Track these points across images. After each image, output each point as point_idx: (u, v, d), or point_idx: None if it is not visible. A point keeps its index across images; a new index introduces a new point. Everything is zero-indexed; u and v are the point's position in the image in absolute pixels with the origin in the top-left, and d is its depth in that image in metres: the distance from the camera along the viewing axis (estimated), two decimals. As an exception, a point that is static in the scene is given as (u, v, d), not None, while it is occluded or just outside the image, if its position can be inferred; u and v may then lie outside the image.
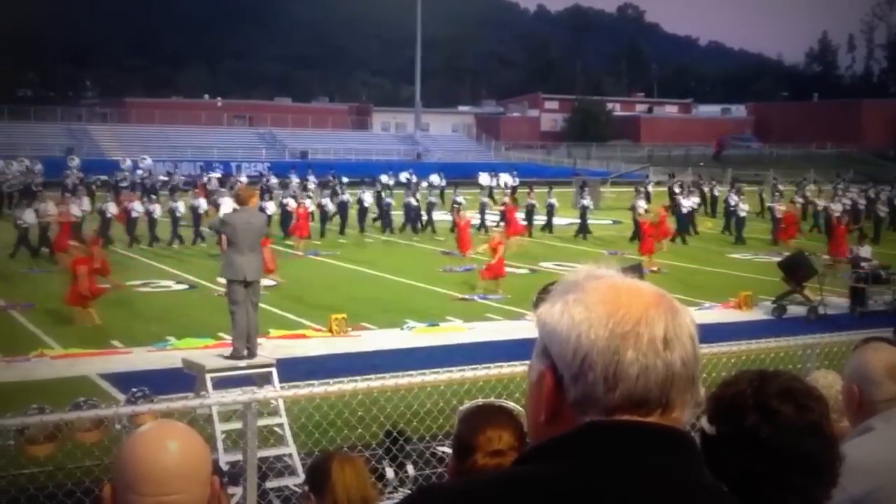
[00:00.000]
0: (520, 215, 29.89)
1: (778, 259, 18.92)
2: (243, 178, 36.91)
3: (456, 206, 29.17)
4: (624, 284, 1.25)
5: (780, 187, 38.49)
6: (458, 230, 25.18)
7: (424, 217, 30.99)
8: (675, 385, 1.20)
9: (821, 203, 33.22)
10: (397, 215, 31.01)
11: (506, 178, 42.53)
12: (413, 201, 31.11)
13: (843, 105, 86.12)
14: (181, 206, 26.93)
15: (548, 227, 31.02)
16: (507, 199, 32.00)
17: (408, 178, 40.18)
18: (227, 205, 11.15)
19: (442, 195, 36.21)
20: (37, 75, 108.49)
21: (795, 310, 16.99)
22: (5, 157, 42.76)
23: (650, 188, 39.43)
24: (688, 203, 30.51)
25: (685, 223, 29.82)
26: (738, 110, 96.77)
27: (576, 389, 1.21)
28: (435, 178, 38.90)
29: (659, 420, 1.20)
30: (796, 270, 17.24)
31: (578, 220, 30.18)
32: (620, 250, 24.51)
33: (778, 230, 28.87)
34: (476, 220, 29.85)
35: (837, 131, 77.43)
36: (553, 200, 31.53)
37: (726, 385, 1.76)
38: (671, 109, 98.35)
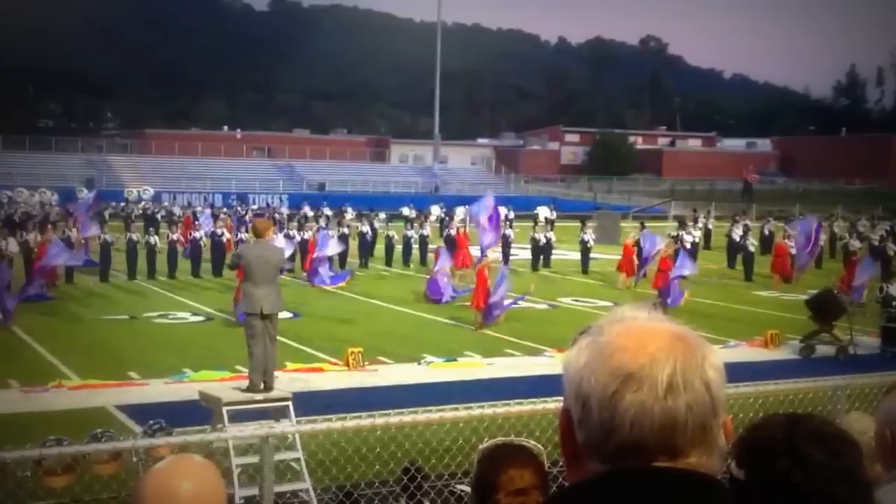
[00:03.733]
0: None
1: (806, 297, 18.66)
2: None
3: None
4: (642, 327, 1.22)
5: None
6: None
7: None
8: (680, 432, 1.16)
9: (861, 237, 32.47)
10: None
11: (544, 212, 42.05)
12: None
13: (872, 140, 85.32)
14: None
15: (546, 261, 30.74)
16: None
17: (439, 213, 40.42)
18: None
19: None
20: (58, 106, 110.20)
21: (824, 349, 16.69)
22: (27, 186, 43.42)
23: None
24: (689, 238, 30.04)
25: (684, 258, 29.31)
26: (764, 144, 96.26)
27: (581, 433, 1.21)
28: (461, 211, 38.94)
29: (671, 465, 1.17)
30: (825, 309, 16.97)
31: (586, 256, 29.85)
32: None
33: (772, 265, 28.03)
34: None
35: (866, 166, 76.73)
36: (551, 234, 31.36)
37: (756, 428, 1.71)
38: (694, 143, 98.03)
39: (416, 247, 30.85)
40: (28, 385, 13.26)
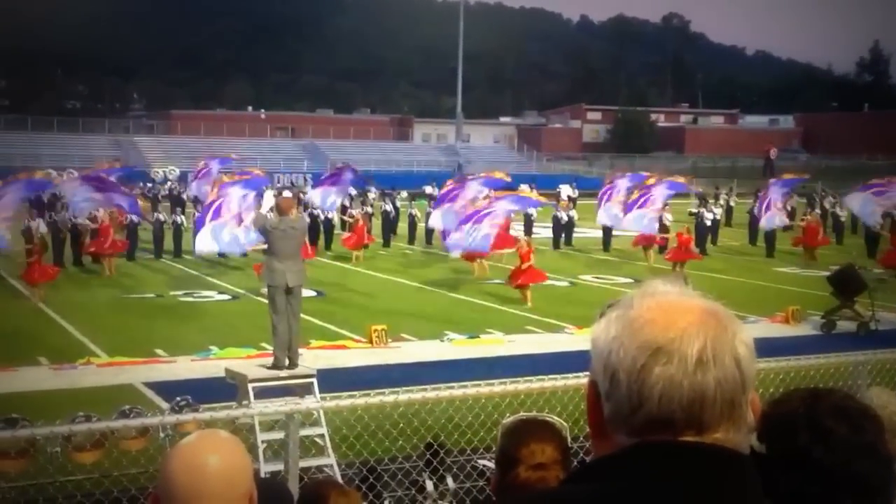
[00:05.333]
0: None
1: (827, 273, 18.60)
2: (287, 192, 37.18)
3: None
4: (673, 302, 1.21)
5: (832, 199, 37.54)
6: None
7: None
8: (708, 407, 1.15)
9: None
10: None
11: (566, 190, 41.98)
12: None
13: (895, 116, 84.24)
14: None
15: (567, 239, 30.68)
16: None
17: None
18: (268, 200, 11.67)
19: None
20: (85, 88, 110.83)
21: (845, 325, 16.66)
22: (55, 167, 43.78)
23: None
24: (709, 216, 29.97)
25: (704, 235, 29.33)
26: (787, 121, 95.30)
27: (607, 406, 1.20)
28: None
29: (699, 440, 1.16)
30: (846, 285, 16.90)
31: (608, 233, 29.91)
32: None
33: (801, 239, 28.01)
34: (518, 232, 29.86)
35: (889, 142, 75.50)
36: (573, 212, 31.46)
37: (778, 403, 1.71)
38: (717, 120, 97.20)
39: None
40: (57, 362, 13.47)
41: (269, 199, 11.72)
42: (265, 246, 10.74)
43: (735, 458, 1.18)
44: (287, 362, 9.72)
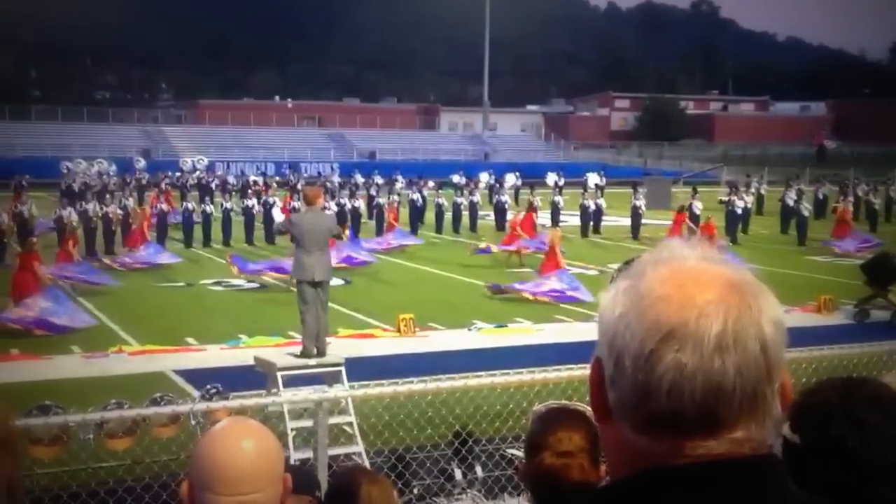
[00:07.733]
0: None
1: (861, 262, 18.39)
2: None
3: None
4: (691, 272, 1.03)
5: (865, 188, 37.06)
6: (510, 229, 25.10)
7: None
8: (725, 400, 0.99)
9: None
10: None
11: (594, 179, 41.92)
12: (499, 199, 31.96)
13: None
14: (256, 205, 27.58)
15: (595, 228, 30.64)
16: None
17: (488, 180, 40.37)
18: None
19: (517, 196, 36.22)
20: (114, 78, 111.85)
21: (879, 314, 16.48)
22: (85, 157, 44.34)
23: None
24: (740, 204, 29.75)
25: (734, 224, 29.06)
26: (818, 108, 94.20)
27: (612, 392, 1.05)
28: (510, 178, 38.85)
29: (712, 443, 1.01)
30: (880, 273, 16.70)
31: (637, 221, 29.88)
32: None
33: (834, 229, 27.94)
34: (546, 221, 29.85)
35: (922, 130, 74.51)
36: (601, 201, 31.42)
37: (811, 392, 1.69)
38: (747, 107, 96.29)
39: (465, 213, 31.02)
40: (89, 351, 13.63)
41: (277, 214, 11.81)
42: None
43: (751, 468, 1.02)
44: (315, 351, 9.78)
